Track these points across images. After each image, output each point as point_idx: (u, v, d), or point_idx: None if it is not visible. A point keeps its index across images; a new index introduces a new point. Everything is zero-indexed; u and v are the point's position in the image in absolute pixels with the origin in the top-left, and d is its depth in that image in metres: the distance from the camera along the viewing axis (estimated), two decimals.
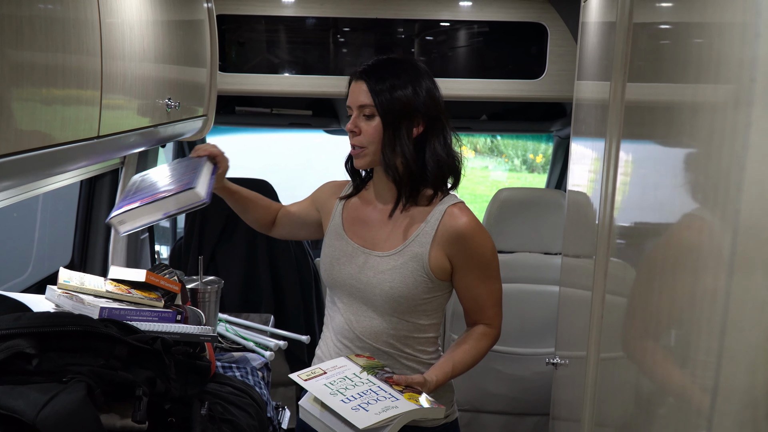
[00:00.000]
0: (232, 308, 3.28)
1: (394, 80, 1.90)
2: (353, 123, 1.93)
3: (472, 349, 1.97)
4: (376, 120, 1.90)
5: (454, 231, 1.91)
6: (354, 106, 1.94)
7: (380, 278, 1.92)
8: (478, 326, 2.01)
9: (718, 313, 0.87)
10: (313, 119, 3.98)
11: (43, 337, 1.49)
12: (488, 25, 3.54)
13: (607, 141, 1.69)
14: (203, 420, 1.65)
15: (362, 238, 2.00)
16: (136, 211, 1.90)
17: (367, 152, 1.93)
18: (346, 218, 2.05)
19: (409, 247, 1.92)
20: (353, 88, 1.95)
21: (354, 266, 1.97)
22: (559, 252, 3.35)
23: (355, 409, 1.65)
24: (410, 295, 1.91)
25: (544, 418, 3.45)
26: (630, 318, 1.42)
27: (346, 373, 1.80)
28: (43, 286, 2.00)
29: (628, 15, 1.55)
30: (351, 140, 1.95)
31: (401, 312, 1.93)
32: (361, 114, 1.92)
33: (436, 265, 1.91)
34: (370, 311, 1.96)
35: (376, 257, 1.95)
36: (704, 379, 0.91)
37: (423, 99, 1.90)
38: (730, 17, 0.88)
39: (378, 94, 1.89)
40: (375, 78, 1.91)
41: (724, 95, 0.88)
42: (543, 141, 9.03)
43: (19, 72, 1.40)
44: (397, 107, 1.88)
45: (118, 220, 1.90)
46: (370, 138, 1.91)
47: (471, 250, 1.92)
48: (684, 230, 1.04)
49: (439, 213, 1.93)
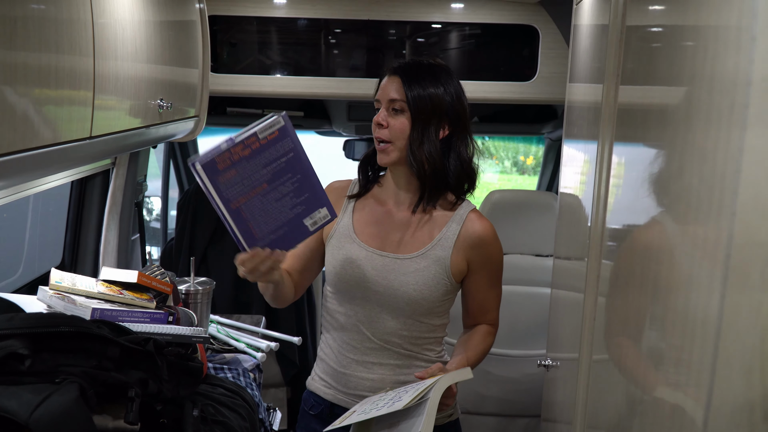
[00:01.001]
0: (222, 309, 3.27)
1: (429, 79, 1.91)
2: (381, 116, 1.92)
3: (481, 344, 2.02)
4: (404, 116, 1.90)
5: (477, 236, 1.95)
6: (384, 99, 1.93)
7: (403, 281, 1.92)
8: (482, 326, 2.06)
9: (713, 315, 0.87)
10: (304, 120, 3.98)
11: (36, 337, 1.48)
12: (480, 28, 3.55)
13: (599, 143, 1.70)
14: (195, 421, 1.65)
15: (378, 240, 1.99)
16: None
17: (393, 148, 1.92)
18: (357, 220, 2.02)
19: (432, 250, 1.94)
20: (386, 83, 1.94)
21: (370, 270, 1.95)
22: (551, 254, 3.36)
23: (390, 404, 1.69)
24: (432, 297, 1.93)
25: (534, 420, 3.46)
26: (612, 318, 1.44)
27: (374, 398, 1.85)
28: (34, 287, 1.99)
29: (621, 18, 1.55)
30: (376, 134, 1.93)
31: (420, 314, 1.95)
32: (391, 108, 1.92)
33: (457, 269, 1.95)
34: (386, 313, 1.96)
35: (397, 260, 1.95)
36: (699, 382, 0.92)
37: (452, 102, 1.92)
38: (726, 20, 0.89)
39: (411, 90, 1.89)
40: (410, 74, 1.91)
41: (719, 98, 0.89)
42: (533, 143, 9.05)
43: (13, 72, 1.40)
44: (428, 105, 1.89)
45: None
46: (397, 133, 1.91)
47: (489, 254, 1.98)
48: (674, 232, 1.05)
49: (460, 217, 1.97)
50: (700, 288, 0.93)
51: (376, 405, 1.76)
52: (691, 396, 0.94)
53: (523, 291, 3.39)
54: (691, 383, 0.95)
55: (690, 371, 0.95)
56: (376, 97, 1.97)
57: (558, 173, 4.25)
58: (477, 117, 4.02)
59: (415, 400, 1.65)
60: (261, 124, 1.65)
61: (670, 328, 1.07)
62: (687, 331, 0.97)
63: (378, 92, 1.96)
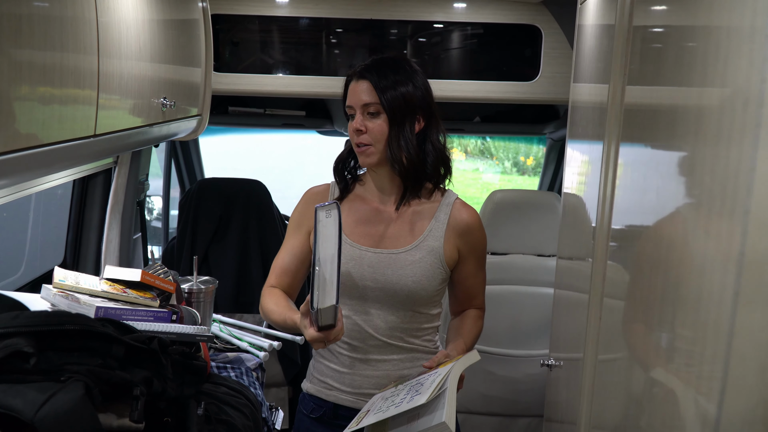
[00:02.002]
0: (224, 308, 3.27)
1: (396, 77, 1.92)
2: (359, 122, 1.92)
3: (474, 328, 2.07)
4: (381, 117, 1.92)
5: (465, 223, 2.01)
6: (357, 105, 1.93)
7: (401, 274, 1.95)
8: (471, 310, 2.11)
9: (726, 312, 0.87)
10: (306, 120, 3.98)
11: (40, 336, 1.48)
12: (482, 27, 3.55)
13: (605, 144, 1.69)
14: (199, 420, 1.65)
15: (370, 238, 2.00)
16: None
17: (375, 150, 1.93)
18: (345, 221, 2.02)
19: (424, 241, 1.97)
20: (354, 87, 1.95)
21: (366, 268, 1.96)
22: (553, 254, 3.36)
23: (409, 400, 1.70)
24: (430, 287, 1.97)
25: (536, 420, 3.46)
26: (631, 312, 1.43)
27: (385, 395, 1.86)
28: (36, 285, 1.99)
29: (628, 18, 1.55)
30: (356, 139, 1.94)
31: (419, 304, 1.98)
32: (366, 112, 1.92)
33: (449, 257, 1.99)
34: (386, 309, 1.97)
35: (392, 255, 1.96)
36: (711, 380, 0.91)
37: (423, 95, 1.95)
38: (739, 20, 0.88)
39: (383, 92, 1.91)
40: (378, 75, 1.92)
41: (732, 96, 0.89)
42: (534, 143, 9.06)
43: (18, 70, 1.40)
44: (402, 103, 1.91)
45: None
46: (377, 136, 1.92)
47: (477, 240, 2.04)
48: (689, 228, 1.04)
49: (447, 207, 2.01)
50: (712, 286, 0.93)
51: (392, 402, 1.76)
52: (703, 393, 0.94)
53: (525, 291, 3.39)
54: (703, 379, 0.95)
55: (702, 366, 0.95)
56: (347, 104, 1.96)
57: (560, 173, 4.25)
58: (479, 117, 4.01)
59: (435, 391, 1.66)
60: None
61: (681, 324, 1.06)
62: (699, 327, 0.97)
63: (348, 98, 1.96)
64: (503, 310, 3.37)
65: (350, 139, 1.98)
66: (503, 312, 3.36)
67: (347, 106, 1.97)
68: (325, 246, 1.65)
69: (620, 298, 1.51)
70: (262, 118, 3.94)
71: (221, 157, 7.81)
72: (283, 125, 4.04)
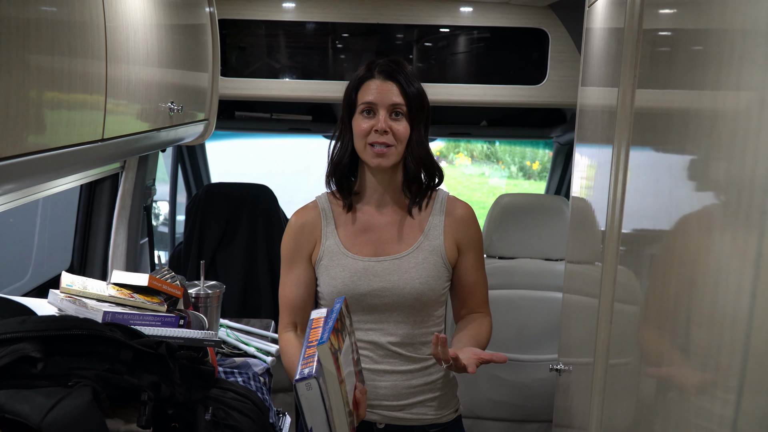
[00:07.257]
0: (231, 313, 3.26)
1: (415, 82, 1.96)
2: (384, 122, 1.91)
3: (483, 328, 2.03)
4: (404, 119, 1.93)
5: (461, 218, 2.04)
6: (384, 104, 1.92)
7: (407, 278, 1.95)
8: (475, 314, 2.08)
9: (743, 312, 0.86)
10: (312, 124, 3.97)
11: (48, 340, 1.48)
12: (489, 31, 3.55)
13: (615, 147, 1.68)
14: (207, 425, 1.64)
15: (370, 247, 1.99)
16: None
17: (394, 152, 1.93)
18: (343, 235, 2.01)
19: (425, 242, 1.99)
20: (382, 86, 1.93)
21: (372, 278, 1.96)
22: (561, 258, 3.35)
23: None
24: (437, 286, 1.98)
25: (544, 425, 3.45)
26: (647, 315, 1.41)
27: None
28: (43, 290, 1.99)
29: (638, 21, 1.54)
30: (378, 139, 1.90)
31: (428, 306, 1.99)
32: (392, 112, 1.93)
33: (451, 254, 2.00)
34: (395, 315, 1.97)
35: (395, 260, 1.97)
36: (728, 379, 0.90)
37: (426, 99, 1.99)
38: (753, 23, 0.87)
39: (408, 95, 1.93)
40: (404, 78, 1.94)
41: (748, 98, 0.88)
42: (540, 147, 9.05)
43: (26, 75, 1.39)
44: (421, 106, 1.96)
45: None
46: (400, 137, 1.93)
47: (473, 233, 2.06)
48: (708, 230, 1.03)
49: (441, 204, 2.04)
50: (729, 285, 0.92)
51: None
52: (719, 397, 0.93)
53: (532, 295, 3.38)
54: (719, 381, 0.94)
55: (719, 368, 0.94)
56: (368, 100, 1.93)
57: (567, 177, 4.24)
58: (486, 121, 4.01)
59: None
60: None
61: (697, 326, 1.06)
62: (715, 329, 0.96)
63: (370, 94, 1.93)
64: (511, 314, 3.35)
65: (361, 138, 1.93)
66: (511, 316, 3.35)
67: (367, 102, 1.92)
68: (314, 416, 1.57)
69: (631, 302, 1.50)
70: (268, 122, 3.94)
71: (228, 162, 7.82)
72: (289, 130, 4.04)
